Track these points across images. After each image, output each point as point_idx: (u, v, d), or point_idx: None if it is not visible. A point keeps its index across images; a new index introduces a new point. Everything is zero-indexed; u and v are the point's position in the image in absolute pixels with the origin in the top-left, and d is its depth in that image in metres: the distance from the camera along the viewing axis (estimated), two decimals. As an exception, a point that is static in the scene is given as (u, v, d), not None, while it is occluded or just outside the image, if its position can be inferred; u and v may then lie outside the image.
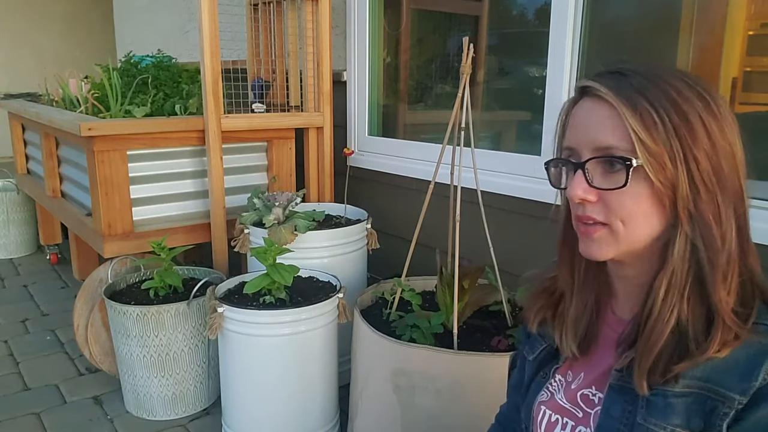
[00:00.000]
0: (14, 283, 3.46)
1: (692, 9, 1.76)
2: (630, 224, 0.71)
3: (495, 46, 2.34)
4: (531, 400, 0.89)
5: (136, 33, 4.66)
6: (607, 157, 0.70)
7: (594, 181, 0.71)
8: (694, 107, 0.68)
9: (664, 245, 0.72)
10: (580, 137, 0.73)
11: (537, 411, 0.87)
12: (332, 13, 2.52)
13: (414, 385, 1.51)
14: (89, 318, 2.26)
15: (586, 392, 0.81)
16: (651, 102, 0.68)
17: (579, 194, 0.71)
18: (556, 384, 0.86)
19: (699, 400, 0.67)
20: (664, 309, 0.70)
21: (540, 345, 0.91)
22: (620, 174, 0.69)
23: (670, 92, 0.69)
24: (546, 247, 1.98)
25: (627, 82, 0.70)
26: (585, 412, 0.80)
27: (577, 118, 0.74)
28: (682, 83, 0.70)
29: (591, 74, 0.75)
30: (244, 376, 1.82)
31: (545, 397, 0.87)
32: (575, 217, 0.75)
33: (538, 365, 0.91)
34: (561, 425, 0.83)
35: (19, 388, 2.34)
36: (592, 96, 0.72)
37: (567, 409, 0.83)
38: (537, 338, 0.91)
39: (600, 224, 0.72)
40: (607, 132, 0.70)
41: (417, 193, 2.38)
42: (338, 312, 1.87)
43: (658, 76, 0.70)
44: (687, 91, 0.69)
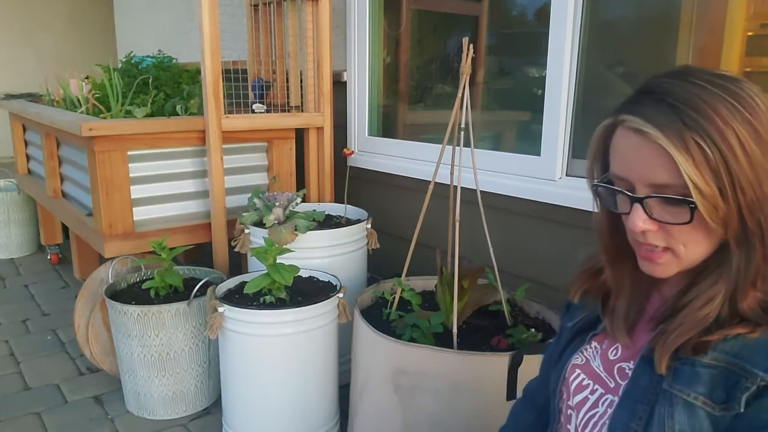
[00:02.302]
0: (15, 283, 3.47)
1: (692, 9, 1.76)
2: (691, 247, 0.73)
3: (495, 47, 2.34)
4: (564, 361, 0.92)
5: (136, 33, 4.66)
6: (668, 197, 0.70)
7: (654, 214, 0.73)
8: (737, 134, 0.68)
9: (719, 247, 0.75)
10: (633, 170, 0.73)
11: (570, 372, 0.90)
12: (332, 13, 2.53)
13: (414, 385, 1.51)
14: (90, 318, 2.27)
15: (623, 365, 0.83)
16: (702, 138, 0.67)
17: (640, 226, 0.73)
18: (592, 350, 0.89)
19: (724, 373, 0.70)
20: (700, 307, 0.73)
21: (580, 314, 0.94)
22: (681, 209, 0.70)
23: (716, 122, 0.67)
24: (546, 247, 1.99)
25: (675, 116, 0.69)
26: (617, 383, 0.82)
27: (626, 150, 0.73)
28: (725, 105, 0.68)
29: (630, 95, 0.74)
30: (245, 375, 1.82)
31: (580, 361, 0.89)
32: (634, 242, 0.78)
33: (576, 332, 0.94)
34: (591, 390, 0.85)
35: (20, 387, 2.34)
36: (638, 132, 0.71)
37: (601, 378, 0.85)
38: (578, 308, 0.95)
39: (663, 249, 0.75)
40: (662, 170, 0.70)
41: (417, 193, 2.38)
42: (338, 312, 1.87)
43: (703, 101, 0.69)
44: (731, 116, 0.68)
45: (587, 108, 1.94)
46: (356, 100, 2.77)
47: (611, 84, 1.98)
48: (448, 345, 1.59)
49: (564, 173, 1.98)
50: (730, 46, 1.68)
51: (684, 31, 1.78)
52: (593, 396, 0.85)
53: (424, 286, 1.97)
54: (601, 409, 0.83)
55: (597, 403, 0.84)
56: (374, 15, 2.70)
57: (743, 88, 0.70)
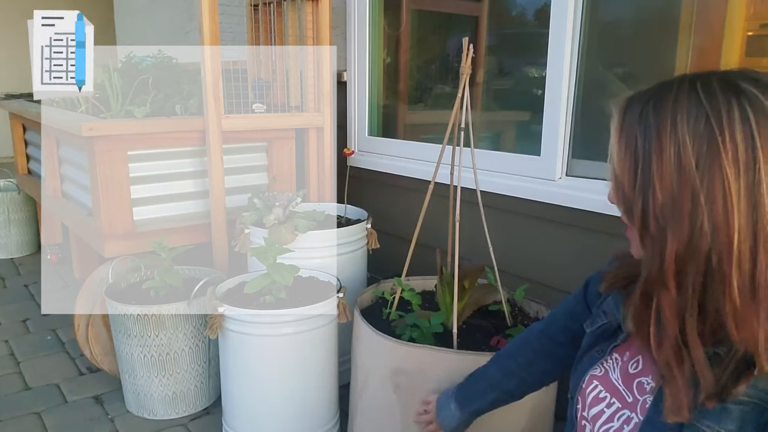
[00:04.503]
0: (15, 283, 3.47)
1: (691, 10, 1.76)
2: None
3: (495, 47, 2.35)
4: (583, 371, 0.90)
5: (136, 33, 4.66)
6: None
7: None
8: (678, 145, 0.67)
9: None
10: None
11: (588, 382, 0.88)
12: (332, 14, 2.53)
13: (414, 385, 1.51)
14: (90, 318, 2.27)
15: (642, 380, 0.81)
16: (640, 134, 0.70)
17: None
18: (612, 362, 0.87)
19: (756, 410, 0.67)
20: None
21: (601, 320, 0.92)
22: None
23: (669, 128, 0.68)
24: (546, 247, 1.99)
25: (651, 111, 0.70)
26: (635, 398, 0.81)
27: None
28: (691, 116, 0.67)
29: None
30: (245, 375, 1.82)
31: (599, 372, 0.88)
32: None
33: (594, 339, 0.92)
34: (607, 403, 0.84)
35: (20, 387, 2.34)
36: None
37: (619, 391, 0.83)
38: (600, 314, 0.93)
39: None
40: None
41: (417, 193, 2.38)
42: (338, 312, 1.87)
43: (671, 108, 0.69)
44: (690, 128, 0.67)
45: (587, 108, 1.94)
46: (356, 100, 2.78)
47: (611, 84, 1.99)
48: (447, 345, 1.59)
49: (564, 173, 1.98)
50: (730, 46, 1.69)
51: (684, 31, 1.78)
52: (609, 410, 0.83)
53: (424, 286, 1.97)
54: (616, 425, 0.81)
55: (612, 418, 0.82)
56: (374, 15, 2.70)
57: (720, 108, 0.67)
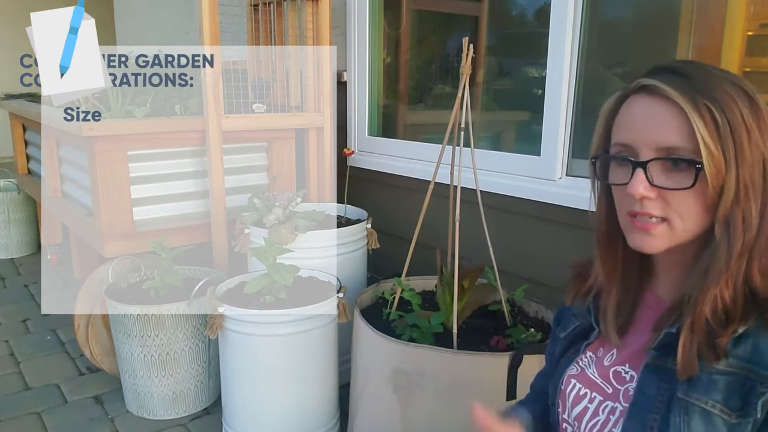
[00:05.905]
0: (15, 283, 3.47)
1: (691, 9, 1.77)
2: (687, 220, 0.73)
3: (495, 47, 2.35)
4: (560, 374, 0.91)
5: (136, 33, 4.66)
6: (675, 158, 0.71)
7: (655, 180, 0.72)
8: (741, 112, 0.70)
9: (707, 232, 0.74)
10: (640, 135, 0.73)
11: (566, 383, 0.89)
12: (332, 14, 2.53)
13: (414, 385, 1.51)
14: (90, 318, 2.27)
15: (619, 369, 0.83)
16: (713, 105, 0.69)
17: (641, 191, 0.72)
18: (587, 359, 0.89)
19: (739, 380, 0.70)
20: (708, 289, 0.72)
21: (572, 324, 0.94)
22: (684, 174, 0.71)
23: (724, 96, 0.70)
24: (545, 247, 1.99)
25: (689, 84, 0.71)
26: (615, 388, 0.82)
27: (635, 116, 0.75)
28: (731, 86, 0.71)
29: (646, 71, 0.76)
30: (245, 375, 1.82)
31: (575, 371, 0.89)
32: (629, 213, 0.76)
33: (569, 342, 0.93)
34: (589, 399, 0.85)
35: (20, 387, 2.34)
36: (653, 94, 0.73)
37: (597, 384, 0.84)
38: (570, 318, 0.94)
39: (659, 220, 0.74)
40: (673, 132, 0.71)
41: (417, 193, 2.38)
42: (338, 312, 1.87)
43: (712, 77, 0.72)
44: (736, 96, 0.71)
45: (587, 108, 1.94)
46: (356, 100, 2.78)
47: (611, 84, 1.99)
48: (447, 345, 1.59)
49: (564, 173, 1.98)
50: (730, 46, 1.69)
51: (684, 31, 1.79)
52: (592, 405, 0.84)
53: (424, 286, 1.97)
54: (602, 417, 0.82)
55: (597, 412, 0.83)
56: (374, 15, 2.70)
57: (743, 80, 0.73)
